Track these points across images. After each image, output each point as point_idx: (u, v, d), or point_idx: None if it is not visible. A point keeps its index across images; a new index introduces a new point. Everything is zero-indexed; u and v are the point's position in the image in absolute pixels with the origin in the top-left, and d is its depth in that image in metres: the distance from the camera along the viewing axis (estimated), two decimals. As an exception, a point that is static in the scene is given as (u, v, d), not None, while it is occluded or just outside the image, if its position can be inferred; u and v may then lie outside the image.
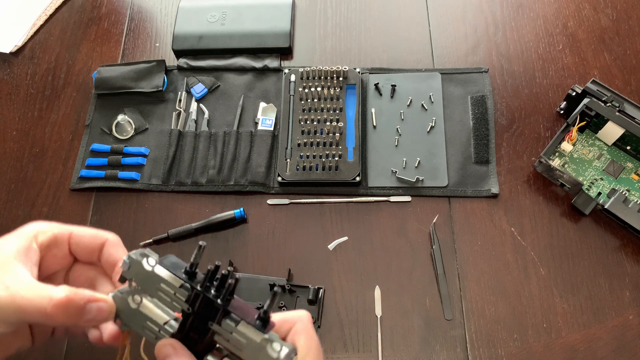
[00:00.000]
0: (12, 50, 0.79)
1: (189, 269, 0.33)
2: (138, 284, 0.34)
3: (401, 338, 0.58)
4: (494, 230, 0.63)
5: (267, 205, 0.67)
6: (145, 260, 0.34)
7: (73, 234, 0.38)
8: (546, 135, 0.69)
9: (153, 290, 0.34)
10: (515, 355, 0.57)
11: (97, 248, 0.39)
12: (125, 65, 0.75)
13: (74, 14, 0.82)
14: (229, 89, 0.74)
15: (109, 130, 0.72)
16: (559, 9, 0.77)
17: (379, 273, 0.62)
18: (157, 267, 0.33)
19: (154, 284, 0.33)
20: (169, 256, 0.34)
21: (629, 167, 0.65)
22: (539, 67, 0.73)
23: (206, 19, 0.77)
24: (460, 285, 0.61)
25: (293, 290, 0.61)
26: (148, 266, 0.33)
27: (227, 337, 0.32)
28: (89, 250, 0.39)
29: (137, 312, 0.34)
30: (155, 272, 0.33)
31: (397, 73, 0.73)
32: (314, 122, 0.69)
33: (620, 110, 0.63)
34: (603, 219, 0.63)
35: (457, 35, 0.76)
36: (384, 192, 0.66)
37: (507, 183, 0.66)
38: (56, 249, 0.38)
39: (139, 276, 0.34)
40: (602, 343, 0.57)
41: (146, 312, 0.34)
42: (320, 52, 0.77)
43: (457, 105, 0.71)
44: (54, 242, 0.38)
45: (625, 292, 0.59)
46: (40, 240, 0.37)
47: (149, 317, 0.34)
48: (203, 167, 0.68)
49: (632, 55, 0.73)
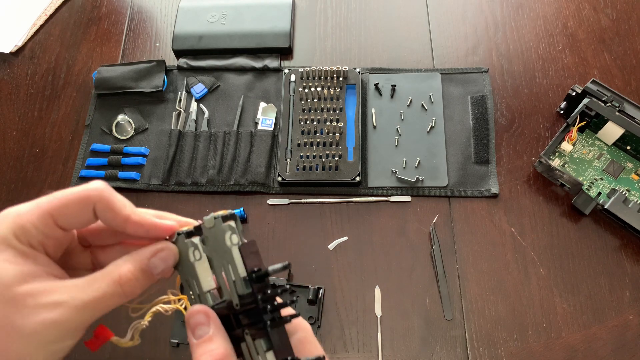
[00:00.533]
0: (12, 50, 0.79)
1: (260, 274, 0.30)
2: (209, 245, 0.31)
3: (401, 338, 0.58)
4: (494, 230, 0.63)
5: (267, 205, 0.67)
6: (228, 235, 0.31)
7: (54, 214, 0.29)
8: (546, 135, 0.69)
9: (217, 260, 0.31)
10: (515, 355, 0.57)
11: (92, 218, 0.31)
12: (125, 65, 0.75)
13: (74, 14, 0.82)
14: (229, 89, 0.74)
15: (109, 130, 0.72)
16: (559, 9, 0.77)
17: (379, 273, 0.62)
18: (235, 250, 0.30)
19: (222, 258, 0.31)
20: (250, 242, 0.31)
21: (629, 167, 0.65)
22: (539, 67, 0.73)
23: (206, 19, 0.77)
24: (460, 285, 0.61)
25: (293, 290, 0.61)
26: (228, 241, 0.30)
27: (252, 353, 0.30)
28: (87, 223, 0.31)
29: (191, 266, 0.32)
30: (232, 253, 0.30)
31: (397, 73, 0.73)
32: (314, 122, 0.69)
33: (620, 110, 0.63)
34: (603, 219, 0.63)
35: (457, 35, 0.76)
36: (384, 192, 0.66)
37: (507, 183, 0.66)
38: (48, 239, 0.30)
39: (213, 241, 0.31)
40: (602, 343, 0.57)
41: (199, 271, 0.32)
42: (320, 52, 0.77)
43: (457, 105, 0.71)
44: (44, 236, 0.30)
45: (625, 292, 0.59)
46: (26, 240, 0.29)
47: (197, 277, 0.32)
48: (203, 167, 0.68)
49: (632, 55, 0.73)
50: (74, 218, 0.30)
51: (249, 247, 0.31)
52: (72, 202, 0.30)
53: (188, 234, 0.32)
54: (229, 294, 0.31)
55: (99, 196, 0.30)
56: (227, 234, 0.31)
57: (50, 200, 0.30)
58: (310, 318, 0.59)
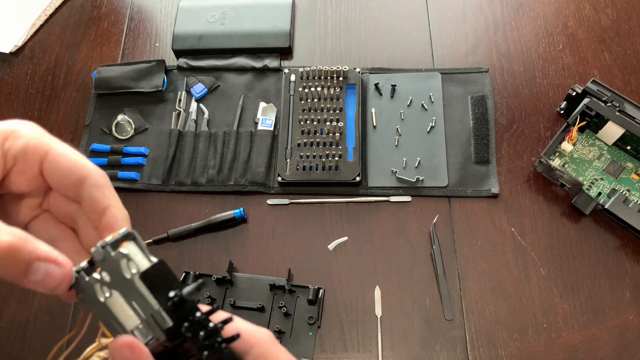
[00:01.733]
0: (12, 50, 0.79)
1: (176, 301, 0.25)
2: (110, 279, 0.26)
3: (401, 338, 0.58)
4: (494, 230, 0.63)
5: (267, 205, 0.67)
6: (124, 264, 0.26)
7: (50, 153, 0.29)
8: (546, 135, 0.69)
9: (128, 295, 0.26)
10: (515, 355, 0.57)
11: (73, 184, 0.29)
12: (125, 65, 0.74)
13: (73, 14, 0.82)
14: (229, 89, 0.74)
15: (108, 130, 0.72)
16: (559, 9, 0.77)
17: (379, 273, 0.62)
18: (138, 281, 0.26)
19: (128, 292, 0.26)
20: (157, 264, 0.26)
21: (629, 167, 0.65)
22: (539, 67, 0.73)
23: (206, 19, 0.77)
24: (460, 285, 0.61)
25: (293, 290, 0.61)
26: (126, 272, 0.26)
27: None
28: (64, 184, 0.29)
29: (104, 305, 0.26)
30: (135, 285, 0.26)
31: (397, 73, 0.73)
32: (314, 122, 0.69)
33: (621, 110, 0.63)
34: (603, 219, 0.63)
35: (457, 35, 0.76)
36: (384, 192, 0.66)
37: (507, 183, 0.66)
38: (23, 164, 0.28)
39: (113, 274, 0.26)
40: (602, 343, 0.57)
41: (115, 309, 0.26)
42: (320, 52, 0.77)
43: (457, 105, 0.71)
44: (22, 154, 0.28)
45: (625, 292, 0.59)
46: (7, 145, 0.28)
47: (115, 317, 0.27)
48: (203, 167, 0.68)
49: (632, 55, 0.73)
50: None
51: (155, 271, 0.26)
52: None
53: (86, 270, 0.27)
54: (153, 331, 0.26)
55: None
56: (122, 264, 0.26)
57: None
58: (310, 318, 0.59)
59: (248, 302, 0.60)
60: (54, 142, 0.29)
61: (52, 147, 0.29)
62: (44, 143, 0.29)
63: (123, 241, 0.27)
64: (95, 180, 0.29)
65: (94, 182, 0.29)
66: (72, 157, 0.29)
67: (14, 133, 0.28)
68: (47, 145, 0.29)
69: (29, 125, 0.29)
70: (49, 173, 0.29)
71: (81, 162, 0.29)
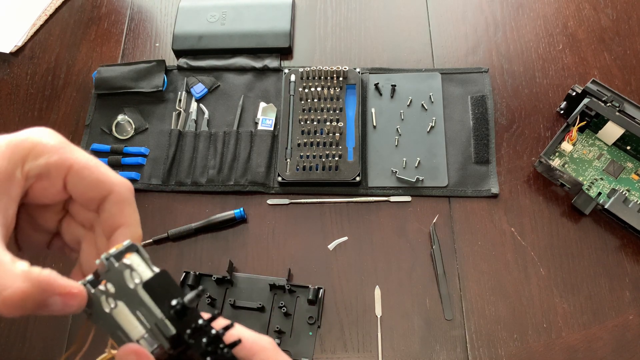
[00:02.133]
0: (12, 50, 0.79)
1: (178, 310, 0.26)
2: (115, 290, 0.27)
3: (401, 338, 0.58)
4: (494, 230, 0.63)
5: (267, 205, 0.67)
6: (127, 274, 0.27)
7: (73, 169, 0.29)
8: (546, 135, 0.69)
9: (132, 305, 0.27)
10: (515, 355, 0.57)
11: (97, 198, 0.30)
12: (125, 65, 0.75)
13: (74, 14, 0.82)
14: (229, 89, 0.74)
15: (109, 130, 0.72)
16: (559, 9, 0.77)
17: (379, 273, 0.62)
18: (141, 290, 0.26)
19: (132, 302, 0.27)
20: (160, 274, 0.27)
21: (629, 167, 0.65)
22: (539, 67, 0.73)
23: (206, 19, 0.77)
24: (460, 285, 0.61)
25: (293, 290, 0.61)
26: (130, 282, 0.27)
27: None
28: (86, 197, 0.30)
29: (109, 316, 0.27)
30: (139, 294, 0.26)
31: (397, 73, 0.73)
32: (314, 122, 0.69)
33: (620, 110, 0.63)
34: (603, 219, 0.63)
35: (457, 35, 0.76)
36: (384, 192, 0.66)
37: (507, 183, 0.66)
38: (47, 182, 0.28)
39: (118, 285, 0.27)
40: (602, 343, 0.57)
41: (120, 320, 0.27)
42: (320, 52, 0.77)
43: (457, 105, 0.71)
44: (46, 173, 0.28)
45: (625, 292, 0.59)
46: (27, 167, 0.27)
47: (121, 328, 0.27)
48: (203, 167, 0.68)
49: (632, 55, 0.73)
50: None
51: (157, 280, 0.27)
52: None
53: (92, 282, 0.28)
54: (158, 339, 0.27)
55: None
56: (125, 275, 0.27)
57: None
58: (310, 318, 0.59)
59: (248, 302, 0.60)
60: (76, 155, 0.29)
61: (75, 162, 0.29)
62: (67, 158, 0.28)
63: (126, 252, 0.27)
64: (117, 196, 0.30)
65: (116, 198, 0.30)
66: (96, 171, 0.29)
67: (34, 150, 0.27)
68: (69, 160, 0.29)
69: (48, 136, 0.28)
70: (72, 187, 0.29)
71: (105, 176, 0.30)
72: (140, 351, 0.26)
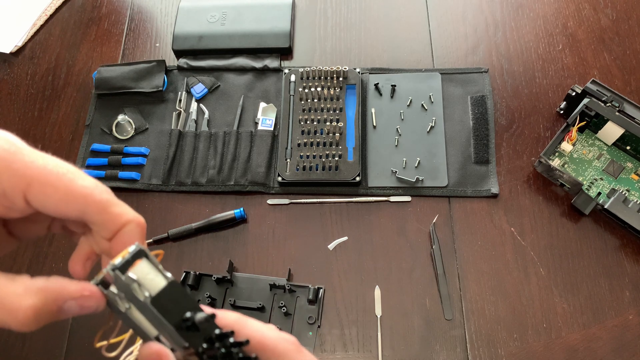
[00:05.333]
0: (12, 50, 0.79)
1: (189, 325, 0.26)
2: (126, 296, 0.26)
3: (401, 338, 0.58)
4: (494, 230, 0.63)
5: (267, 205, 0.67)
6: (136, 287, 0.26)
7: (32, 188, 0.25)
8: (546, 135, 0.69)
9: (144, 313, 0.26)
10: (515, 355, 0.57)
11: (73, 214, 0.26)
12: (126, 65, 0.75)
13: (74, 14, 0.82)
14: (229, 89, 0.74)
15: (109, 130, 0.72)
16: (559, 9, 0.77)
17: (379, 273, 0.62)
18: (150, 305, 0.26)
19: (143, 311, 0.26)
20: (169, 286, 0.26)
21: (628, 167, 0.65)
22: (539, 67, 0.73)
23: (206, 19, 0.77)
24: (460, 285, 0.61)
25: (293, 290, 0.61)
26: (140, 295, 0.26)
27: None
28: (62, 214, 0.26)
29: (126, 315, 0.27)
30: (149, 307, 0.26)
31: (397, 73, 0.73)
32: (314, 122, 0.69)
33: (620, 110, 0.63)
34: (603, 219, 0.63)
35: (457, 35, 0.76)
36: (384, 192, 0.66)
37: (507, 183, 0.66)
38: (4, 200, 0.25)
39: (128, 294, 0.26)
40: (601, 343, 0.57)
41: (136, 319, 0.27)
42: (320, 52, 0.77)
43: (457, 105, 0.71)
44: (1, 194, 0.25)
45: (625, 292, 0.59)
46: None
47: (138, 326, 0.27)
48: (203, 167, 0.69)
49: (632, 55, 0.73)
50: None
51: (166, 294, 0.26)
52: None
53: (104, 283, 0.27)
54: (178, 342, 0.26)
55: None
56: (133, 288, 0.26)
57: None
58: (310, 318, 0.59)
59: (248, 302, 0.60)
60: (34, 169, 0.25)
61: (33, 178, 0.25)
62: (22, 174, 0.25)
63: (134, 261, 0.26)
64: (96, 207, 0.26)
65: (96, 209, 0.26)
66: (62, 185, 0.25)
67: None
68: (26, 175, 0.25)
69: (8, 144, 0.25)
70: (39, 205, 0.26)
71: (75, 191, 0.25)
72: (162, 352, 0.26)
